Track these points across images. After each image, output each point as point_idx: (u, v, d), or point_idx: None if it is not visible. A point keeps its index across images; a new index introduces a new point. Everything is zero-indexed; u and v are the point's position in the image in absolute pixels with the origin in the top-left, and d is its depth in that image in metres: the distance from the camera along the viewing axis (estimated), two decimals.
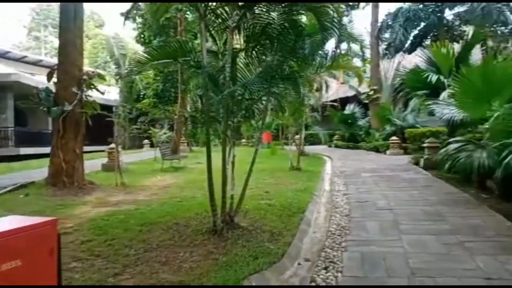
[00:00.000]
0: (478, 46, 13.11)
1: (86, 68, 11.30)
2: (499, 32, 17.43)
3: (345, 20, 7.19)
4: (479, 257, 3.60)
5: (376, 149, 17.35)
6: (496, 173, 4.87)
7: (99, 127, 21.70)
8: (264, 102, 5.38)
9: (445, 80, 8.81)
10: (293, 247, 4.13)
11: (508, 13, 16.48)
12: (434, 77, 8.83)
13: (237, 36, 5.36)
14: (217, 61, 5.37)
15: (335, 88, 29.78)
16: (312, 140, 24.81)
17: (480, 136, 7.48)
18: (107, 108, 26.97)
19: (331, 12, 4.61)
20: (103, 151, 16.30)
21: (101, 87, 9.96)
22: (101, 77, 10.53)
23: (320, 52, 4.94)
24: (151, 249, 4.02)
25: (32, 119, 21.67)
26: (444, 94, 8.16)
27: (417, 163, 10.96)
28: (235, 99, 5.05)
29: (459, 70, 9.13)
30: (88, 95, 8.85)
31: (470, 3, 16.10)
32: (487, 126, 4.85)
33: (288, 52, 4.88)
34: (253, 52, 5.22)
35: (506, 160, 4.20)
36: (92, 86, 8.86)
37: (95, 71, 11.04)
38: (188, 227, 4.92)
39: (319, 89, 17.10)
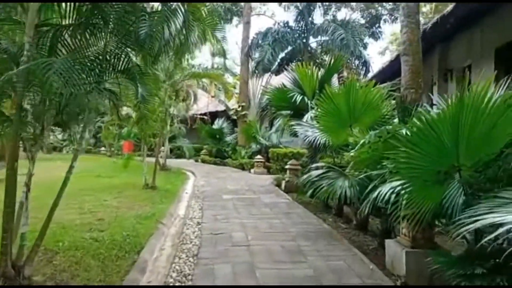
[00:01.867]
0: (335, 75, 14.03)
1: None
2: (353, 64, 19.17)
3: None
4: None
5: (242, 167, 17.00)
6: (361, 207, 4.40)
7: None
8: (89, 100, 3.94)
9: (309, 102, 8.65)
10: None
11: (361, 48, 18.29)
12: (299, 97, 8.59)
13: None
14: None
15: (205, 102, 29.18)
16: (180, 153, 23.48)
17: (340, 161, 7.36)
18: None
19: None
20: None
21: None
22: None
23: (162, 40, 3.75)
24: None
25: None
26: (307, 116, 7.91)
27: (279, 185, 10.67)
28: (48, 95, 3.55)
29: (323, 90, 9.26)
30: None
31: (331, 33, 17.24)
32: (352, 154, 4.35)
33: (124, 37, 3.61)
34: (81, 32, 3.78)
35: (374, 195, 3.67)
36: None
37: None
38: None
39: (185, 99, 15.94)
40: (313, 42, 20.14)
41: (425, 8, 24.63)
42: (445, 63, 10.08)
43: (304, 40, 19.39)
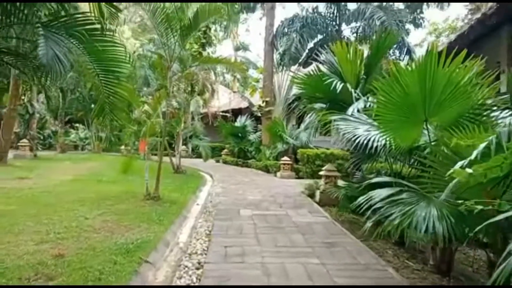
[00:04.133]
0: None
1: None
2: (393, 54, 16.80)
3: None
4: None
5: (267, 169, 15.10)
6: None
7: None
8: None
9: (353, 91, 6.60)
10: None
11: (404, 35, 15.92)
12: (339, 85, 6.54)
13: None
14: None
15: (227, 98, 27.53)
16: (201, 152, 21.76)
17: (401, 169, 5.28)
18: None
19: None
20: None
21: None
22: None
23: None
24: None
25: None
26: (353, 108, 5.87)
27: (311, 195, 8.66)
28: None
29: (372, 75, 7.16)
30: None
31: (369, 17, 15.01)
32: (470, 170, 2.30)
33: None
34: None
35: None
36: None
37: None
38: None
39: (202, 93, 14.17)
40: (346, 29, 17.92)
41: None
42: None
43: (336, 27, 17.21)
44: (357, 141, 4.73)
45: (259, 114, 19.66)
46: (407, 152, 4.49)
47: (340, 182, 7.74)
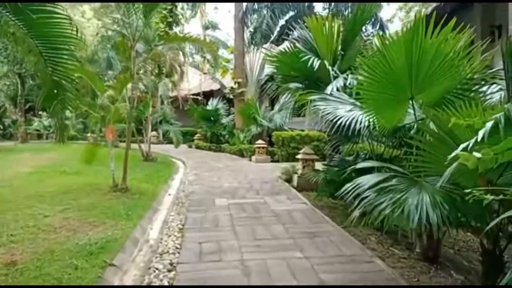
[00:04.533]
0: None
1: None
2: (366, 31, 16.54)
3: None
4: None
5: (241, 153, 14.70)
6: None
7: None
8: None
9: (330, 68, 6.23)
10: None
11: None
12: (316, 62, 6.15)
13: None
14: None
15: (198, 80, 26.71)
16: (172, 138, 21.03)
17: (384, 151, 5.00)
18: None
19: None
20: None
21: None
22: None
23: None
24: None
25: None
26: (332, 87, 5.51)
27: (288, 180, 8.36)
28: None
29: (349, 51, 6.80)
30: None
31: None
32: (478, 154, 1.98)
33: None
34: None
35: None
36: None
37: None
38: None
39: (170, 75, 13.46)
40: (318, 5, 17.50)
41: None
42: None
43: (308, 3, 16.73)
44: (338, 122, 4.37)
45: (231, 96, 19.12)
46: (391, 133, 4.18)
47: (319, 166, 7.46)
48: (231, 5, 18.97)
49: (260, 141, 12.94)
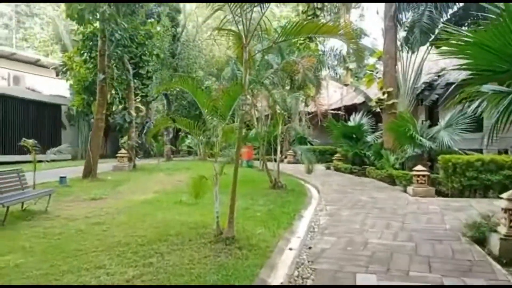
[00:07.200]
0: None
1: None
2: None
3: None
4: None
5: (391, 180, 11.61)
6: None
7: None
8: None
9: None
10: None
11: None
12: None
13: None
14: None
15: (339, 94, 24.27)
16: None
17: None
18: (51, 106, 21.96)
19: None
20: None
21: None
22: None
23: None
24: None
25: None
26: None
27: (479, 240, 5.14)
28: None
29: None
30: None
31: None
32: None
33: None
34: None
35: None
36: None
37: None
38: None
39: (302, 87, 11.43)
40: None
41: None
42: None
43: None
44: None
45: (378, 110, 16.06)
46: None
47: None
48: (380, 5, 16.07)
49: (419, 167, 9.68)
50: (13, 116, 19.53)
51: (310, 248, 5.11)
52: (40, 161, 9.65)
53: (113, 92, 16.72)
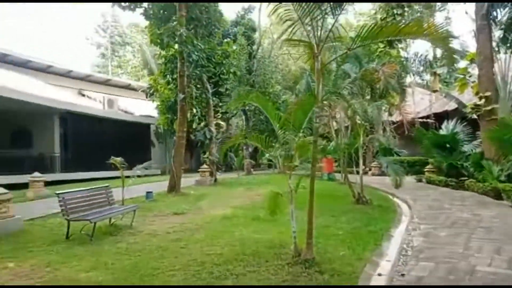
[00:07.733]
0: None
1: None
2: None
3: None
4: None
5: (497, 194, 10.11)
6: None
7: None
8: None
9: None
10: None
11: None
12: None
13: None
14: None
15: (427, 101, 22.42)
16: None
17: None
18: (141, 126, 23.79)
19: None
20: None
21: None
22: None
23: None
24: None
25: None
26: None
27: None
28: None
29: None
30: None
31: None
32: None
33: None
34: None
35: None
36: None
37: None
38: None
39: (384, 95, 10.61)
40: None
41: None
42: None
43: None
44: None
45: (474, 116, 14.31)
46: None
47: None
48: (469, 5, 14.51)
49: None
50: (108, 135, 21.46)
51: (403, 275, 4.44)
52: (127, 177, 10.23)
53: (193, 110, 17.53)
